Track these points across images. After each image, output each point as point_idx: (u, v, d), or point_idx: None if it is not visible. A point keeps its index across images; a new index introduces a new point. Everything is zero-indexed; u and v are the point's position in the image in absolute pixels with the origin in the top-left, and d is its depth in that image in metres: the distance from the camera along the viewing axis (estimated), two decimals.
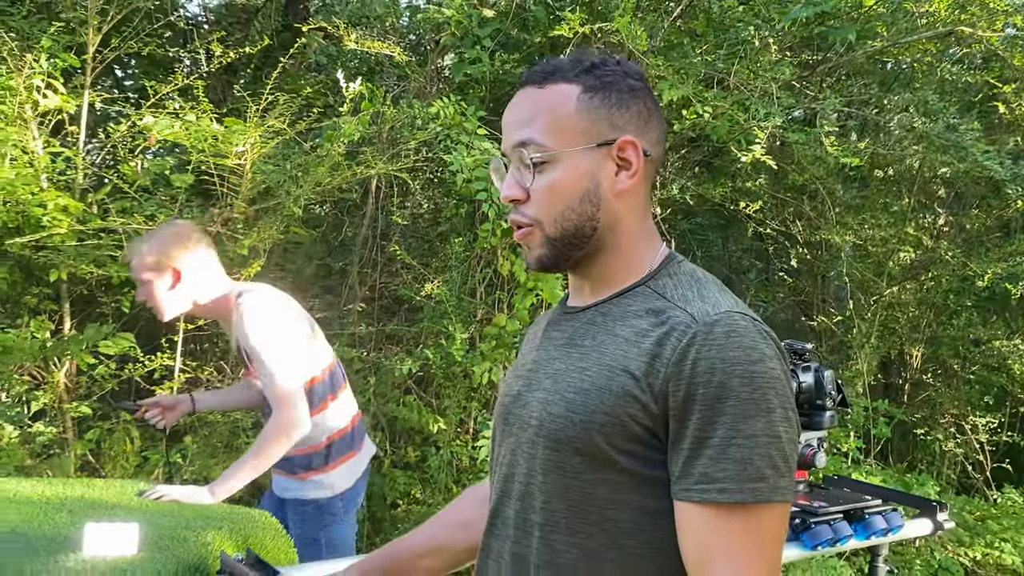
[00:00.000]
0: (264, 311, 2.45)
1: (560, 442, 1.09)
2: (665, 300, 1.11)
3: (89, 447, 3.79)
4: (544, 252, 1.15)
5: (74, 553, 1.68)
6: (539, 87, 1.14)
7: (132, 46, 3.78)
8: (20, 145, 3.41)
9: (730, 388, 1.00)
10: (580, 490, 1.08)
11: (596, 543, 1.07)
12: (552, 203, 1.12)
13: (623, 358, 1.08)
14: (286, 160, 3.54)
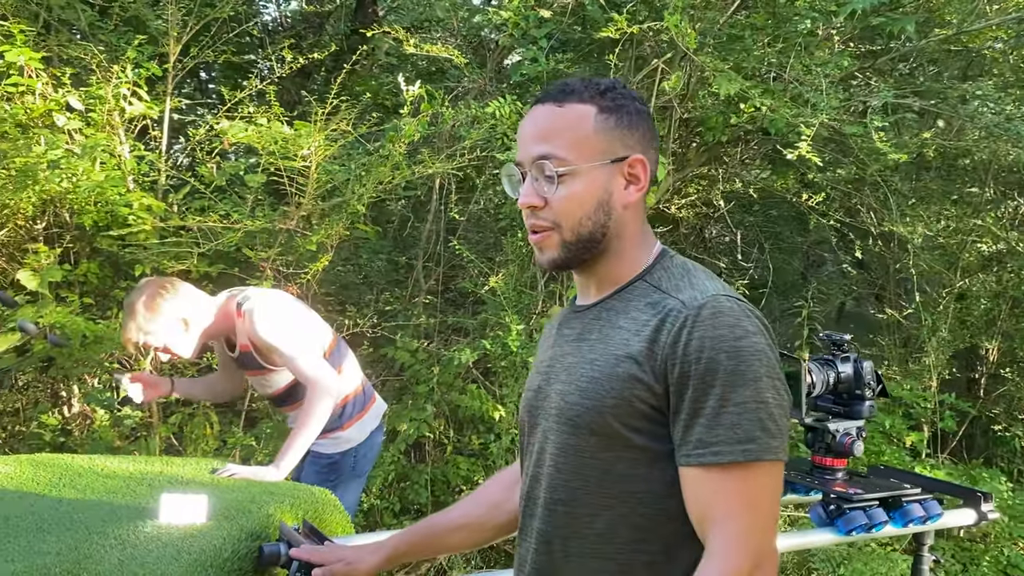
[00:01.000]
0: (270, 308, 2.69)
1: (577, 426, 1.23)
2: (660, 292, 1.25)
3: (172, 430, 4.06)
4: (559, 254, 1.28)
5: (151, 520, 1.87)
6: (558, 105, 1.27)
7: (209, 55, 4.02)
8: (108, 149, 3.68)
9: (718, 362, 1.13)
10: (598, 468, 1.21)
11: (616, 514, 1.21)
12: (571, 211, 1.25)
13: (626, 346, 1.21)
14: (350, 160, 3.74)
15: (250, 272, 3.96)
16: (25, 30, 3.63)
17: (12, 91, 3.63)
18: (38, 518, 1.87)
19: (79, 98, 3.71)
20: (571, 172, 1.24)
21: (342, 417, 2.86)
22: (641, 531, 1.19)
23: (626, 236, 1.29)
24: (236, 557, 1.76)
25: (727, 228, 7.55)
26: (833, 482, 2.41)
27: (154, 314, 2.57)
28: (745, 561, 1.10)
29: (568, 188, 1.25)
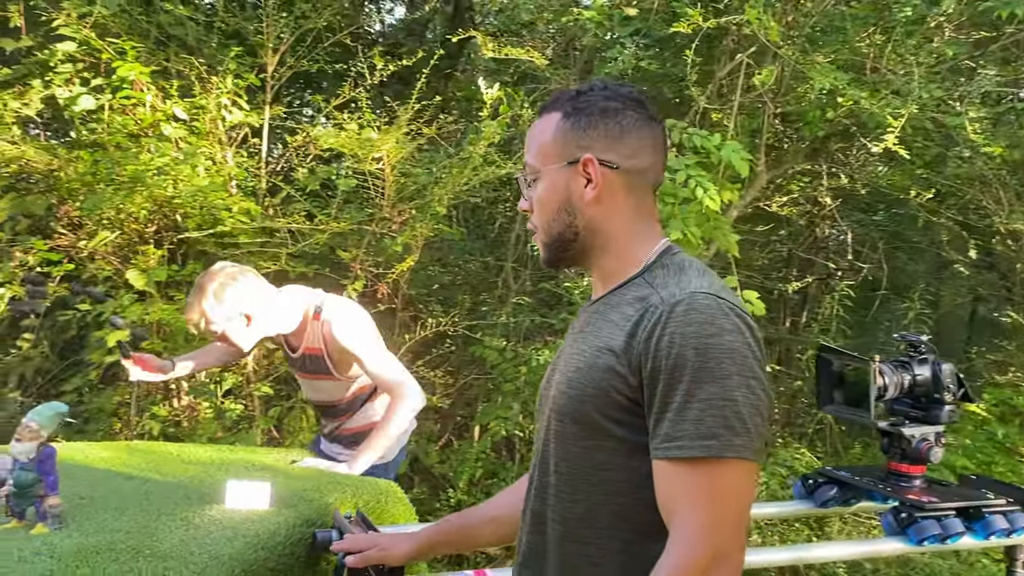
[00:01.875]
0: (352, 315, 2.72)
1: (564, 414, 1.29)
2: (651, 288, 1.27)
3: (271, 423, 4.26)
4: (544, 255, 1.39)
5: (218, 504, 1.99)
6: (540, 116, 1.38)
7: (304, 64, 4.21)
8: (210, 156, 3.91)
9: (686, 358, 1.14)
10: (581, 455, 1.26)
11: (595, 501, 1.25)
12: (540, 214, 1.36)
13: (609, 339, 1.25)
14: (431, 163, 3.84)
15: (342, 273, 4.11)
16: (136, 46, 3.89)
17: (125, 103, 3.91)
18: (119, 498, 2.01)
19: (184, 109, 3.95)
20: (537, 178, 1.34)
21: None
22: (618, 518, 1.22)
23: (606, 232, 1.32)
24: (289, 542, 1.85)
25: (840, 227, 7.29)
26: (908, 489, 2.30)
27: (219, 302, 2.55)
28: (703, 554, 1.11)
29: (536, 192, 1.35)
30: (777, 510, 2.44)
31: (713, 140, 3.64)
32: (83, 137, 4.04)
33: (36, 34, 3.94)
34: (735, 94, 3.85)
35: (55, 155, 3.96)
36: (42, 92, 3.81)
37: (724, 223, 3.63)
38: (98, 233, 3.88)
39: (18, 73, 3.98)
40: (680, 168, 3.61)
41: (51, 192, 4.12)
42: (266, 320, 2.67)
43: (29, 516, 1.77)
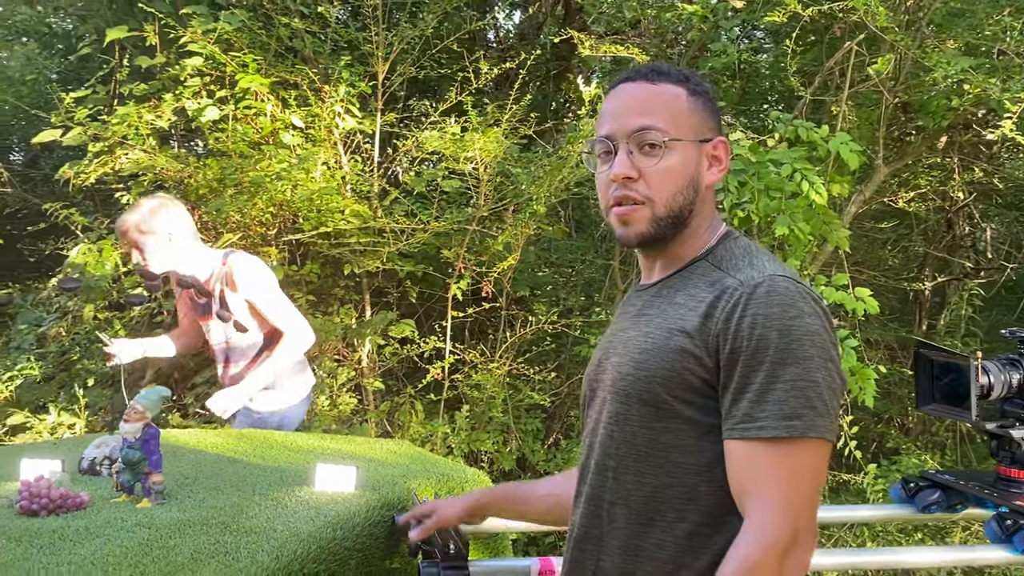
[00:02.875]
0: (251, 264, 3.05)
1: (629, 396, 1.27)
2: (720, 271, 1.27)
3: (383, 416, 4.42)
4: (648, 229, 1.30)
5: (308, 487, 2.10)
6: (652, 83, 1.31)
7: (411, 71, 4.35)
8: (324, 161, 4.10)
9: (769, 340, 1.14)
10: (646, 437, 1.25)
11: (661, 482, 1.24)
12: (666, 185, 1.28)
13: (680, 320, 1.24)
14: (530, 163, 3.88)
15: (448, 273, 4.22)
16: (257, 59, 4.14)
17: (247, 113, 4.16)
18: (219, 479, 2.16)
19: (301, 117, 4.16)
20: (670, 145, 1.27)
21: (280, 376, 3.15)
22: (686, 500, 1.21)
23: (702, 216, 1.32)
24: (368, 523, 1.93)
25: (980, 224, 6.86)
26: (1018, 496, 2.16)
27: (152, 215, 2.91)
28: (783, 533, 1.09)
29: (667, 161, 1.27)
30: (871, 513, 2.34)
31: (820, 132, 3.52)
32: (211, 146, 4.32)
33: (168, 51, 4.25)
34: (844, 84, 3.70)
35: (186, 163, 4.25)
36: (173, 105, 4.11)
37: (832, 217, 3.50)
38: (223, 236, 4.14)
39: (153, 88, 4.31)
40: (786, 162, 3.51)
41: (183, 198, 4.43)
42: (182, 252, 2.99)
43: (136, 491, 1.93)
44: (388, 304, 4.59)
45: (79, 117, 4.09)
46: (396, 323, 4.21)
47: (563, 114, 5.44)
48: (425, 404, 4.41)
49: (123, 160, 4.13)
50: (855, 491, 4.46)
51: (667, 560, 1.22)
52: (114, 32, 4.17)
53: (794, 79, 3.49)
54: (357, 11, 4.61)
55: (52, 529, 1.70)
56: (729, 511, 1.17)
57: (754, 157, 3.48)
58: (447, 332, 4.20)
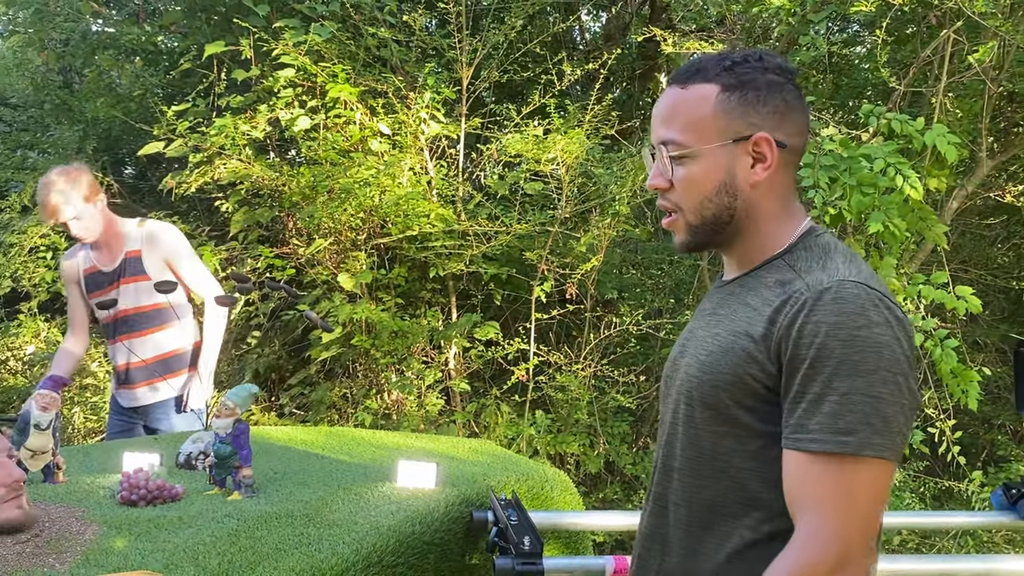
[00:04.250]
0: (171, 227, 3.23)
1: (692, 398, 1.26)
2: (793, 272, 1.21)
3: (469, 417, 4.47)
4: (687, 238, 1.29)
5: (390, 483, 2.14)
6: (682, 87, 1.27)
7: (495, 76, 4.40)
8: (411, 167, 4.19)
9: (830, 349, 1.08)
10: (709, 440, 1.23)
11: (722, 487, 1.22)
12: (691, 195, 1.26)
13: (747, 324, 1.20)
14: (613, 163, 3.87)
15: (532, 275, 4.24)
16: (346, 68, 4.26)
17: (336, 122, 4.28)
18: (307, 474, 2.23)
19: (388, 124, 4.26)
20: (689, 155, 1.23)
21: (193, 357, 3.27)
22: (746, 506, 1.18)
23: (759, 214, 1.26)
24: (447, 518, 1.96)
25: None
26: None
27: (74, 183, 3.01)
28: (827, 556, 1.05)
29: (687, 171, 1.24)
30: (968, 520, 2.23)
31: (916, 124, 3.38)
32: (304, 155, 4.47)
33: (262, 64, 4.42)
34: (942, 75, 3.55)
35: (280, 172, 4.41)
36: (267, 115, 4.27)
37: (928, 213, 3.35)
38: (315, 241, 4.27)
39: (248, 100, 4.49)
40: (879, 156, 3.39)
41: (277, 205, 4.60)
42: (102, 207, 3.13)
43: (228, 484, 2.01)
44: (473, 307, 4.64)
45: (180, 129, 4.29)
46: (481, 325, 4.26)
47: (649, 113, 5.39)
48: (511, 406, 4.44)
49: (221, 170, 4.31)
50: (960, 500, 4.26)
51: (724, 563, 1.20)
52: (212, 47, 4.36)
53: (885, 70, 3.36)
54: (444, 19, 4.68)
55: (148, 518, 1.79)
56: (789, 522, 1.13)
57: (845, 152, 3.37)
58: (531, 334, 4.22)
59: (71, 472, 2.19)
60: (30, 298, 5.49)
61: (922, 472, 4.30)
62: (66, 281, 3.32)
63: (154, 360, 3.22)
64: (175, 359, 3.26)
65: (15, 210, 5.59)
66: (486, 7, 4.87)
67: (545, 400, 4.27)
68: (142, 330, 3.22)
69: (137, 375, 3.23)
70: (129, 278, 3.18)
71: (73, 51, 6.14)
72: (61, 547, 1.62)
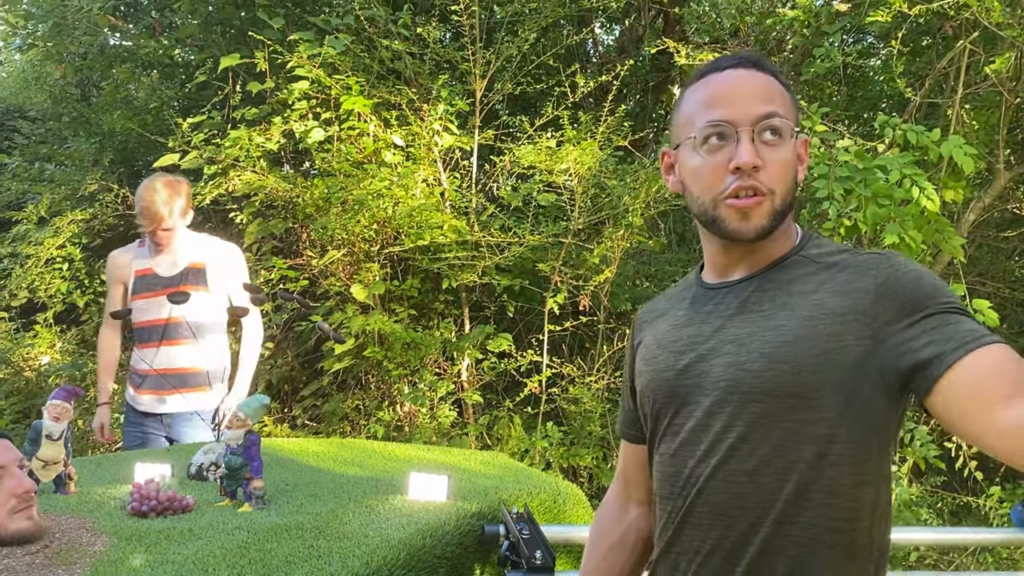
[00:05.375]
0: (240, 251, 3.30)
1: (767, 392, 1.18)
2: (825, 261, 1.23)
3: (481, 429, 4.46)
4: (767, 223, 1.22)
5: (401, 495, 2.13)
6: (760, 71, 1.26)
7: (509, 88, 4.40)
8: (424, 179, 4.19)
9: (938, 288, 1.14)
10: (791, 430, 1.17)
11: (808, 477, 1.16)
12: (784, 176, 1.23)
13: (817, 307, 1.18)
14: (626, 175, 3.86)
15: (545, 287, 4.23)
16: (360, 81, 4.28)
17: (350, 134, 4.30)
18: (318, 485, 2.22)
19: (401, 136, 4.27)
20: (789, 136, 1.22)
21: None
22: (833, 495, 1.15)
23: (792, 212, 1.28)
24: (458, 532, 1.94)
25: None
26: None
27: (177, 195, 3.13)
28: None
29: (787, 152, 1.22)
30: (987, 536, 2.19)
31: (932, 136, 3.36)
32: (318, 166, 4.49)
33: (277, 76, 4.44)
34: (958, 86, 3.53)
35: (294, 183, 4.43)
36: (281, 127, 4.29)
37: (945, 225, 3.33)
38: (328, 252, 4.28)
39: (263, 112, 4.51)
40: (894, 167, 3.37)
41: (291, 217, 4.61)
42: (188, 220, 3.23)
43: (239, 496, 2.01)
44: (486, 318, 4.64)
45: (195, 141, 4.32)
46: (494, 337, 4.25)
47: (663, 125, 5.39)
48: (523, 418, 4.42)
49: (236, 181, 4.33)
50: (978, 516, 4.21)
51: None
52: (227, 60, 4.39)
53: (900, 81, 3.35)
54: (457, 32, 4.70)
55: (159, 530, 1.79)
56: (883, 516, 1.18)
57: (861, 163, 3.35)
58: (544, 346, 4.21)
59: (83, 483, 2.19)
60: (46, 309, 5.53)
61: (939, 487, 4.25)
62: (113, 276, 3.31)
63: (166, 372, 3.21)
64: (192, 376, 3.24)
65: (32, 221, 5.64)
66: (500, 20, 4.88)
67: (558, 412, 4.25)
68: (173, 339, 3.23)
69: (152, 383, 3.22)
70: (189, 286, 3.21)
71: (91, 64, 6.20)
72: (71, 558, 1.61)
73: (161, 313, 3.18)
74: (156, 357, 3.18)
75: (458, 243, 4.03)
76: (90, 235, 5.66)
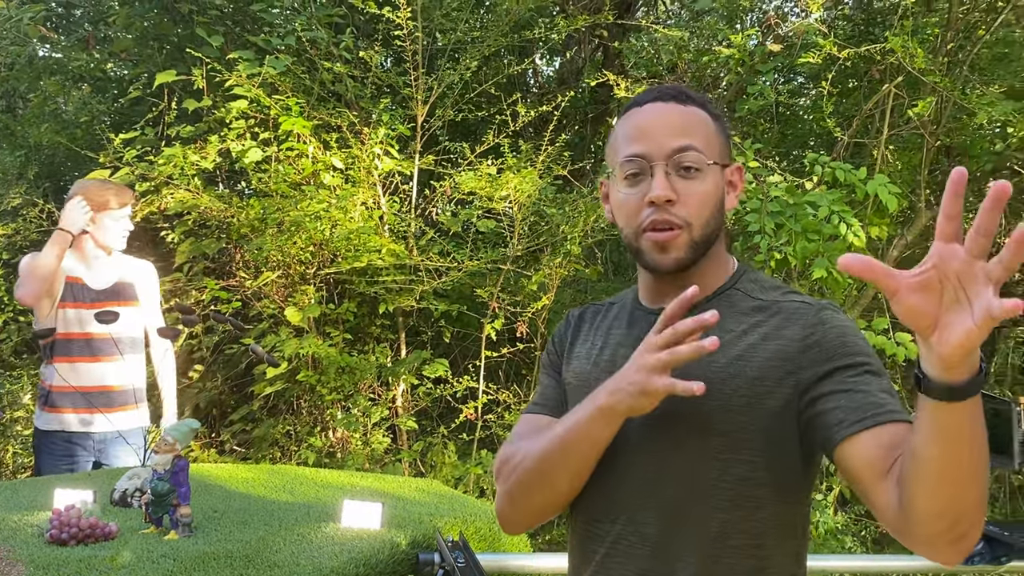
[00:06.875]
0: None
1: (696, 427, 1.19)
2: (761, 300, 1.26)
3: (415, 456, 4.41)
4: (685, 255, 1.25)
5: (334, 523, 2.09)
6: (682, 104, 1.28)
7: (450, 114, 4.42)
8: (363, 202, 4.17)
9: (860, 347, 1.17)
10: (717, 468, 1.18)
11: (733, 516, 1.18)
12: (702, 209, 1.24)
13: (749, 348, 1.20)
14: (565, 204, 3.91)
15: (483, 313, 4.23)
16: (300, 102, 4.24)
17: (289, 155, 4.25)
18: (247, 513, 2.17)
19: (341, 159, 4.24)
20: (706, 168, 1.25)
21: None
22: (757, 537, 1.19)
23: (721, 242, 1.30)
24: (392, 560, 1.92)
25: None
26: None
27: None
28: None
29: (704, 184, 1.24)
30: (908, 564, 2.26)
31: (858, 174, 3.49)
32: (254, 186, 4.42)
33: (215, 94, 4.37)
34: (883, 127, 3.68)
35: (229, 203, 4.35)
36: (218, 146, 4.22)
37: None
38: (263, 273, 4.21)
39: (199, 130, 4.44)
40: (823, 204, 3.48)
41: (225, 237, 4.53)
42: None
43: (164, 523, 1.94)
44: (422, 343, 4.61)
45: (127, 158, 4.21)
46: (430, 362, 4.23)
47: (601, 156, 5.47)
48: (458, 444, 4.40)
49: (168, 199, 4.24)
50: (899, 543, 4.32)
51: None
52: (163, 76, 4.31)
53: (830, 121, 3.48)
54: (400, 56, 4.71)
55: (79, 559, 1.72)
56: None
57: (791, 199, 3.45)
58: (480, 372, 4.20)
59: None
60: None
61: (863, 515, 4.36)
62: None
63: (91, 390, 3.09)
64: (119, 394, 3.14)
65: None
66: (442, 47, 4.91)
67: (493, 439, 4.24)
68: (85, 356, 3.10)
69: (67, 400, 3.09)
70: (119, 302, 3.16)
71: (18, 75, 6.01)
72: None
73: (87, 327, 3.07)
74: (79, 373, 3.06)
75: (396, 267, 4.01)
76: (11, 251, 5.45)
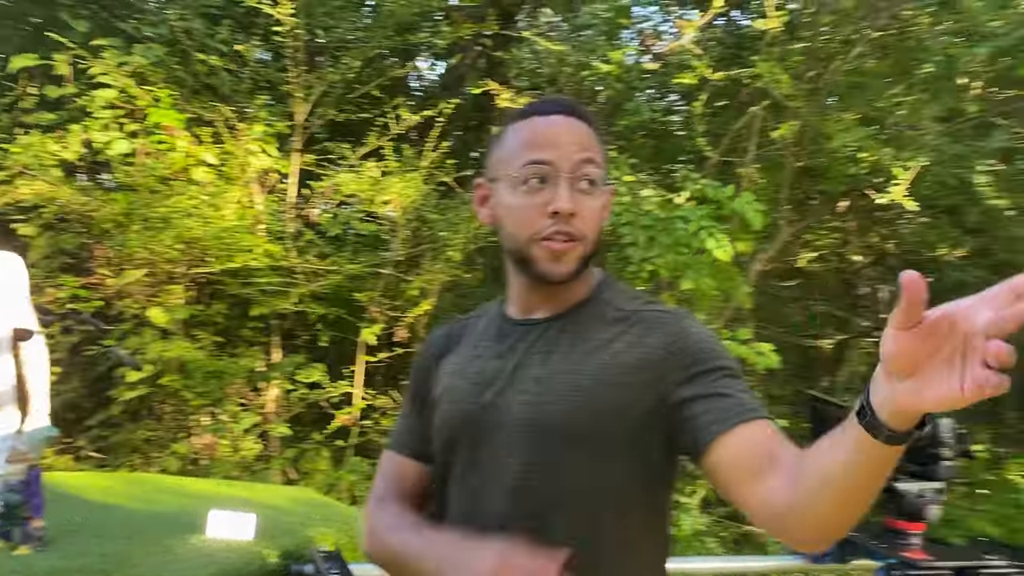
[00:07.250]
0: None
1: (565, 437, 1.19)
2: (623, 309, 1.26)
3: (287, 463, 4.30)
4: (575, 268, 1.24)
5: (200, 534, 2.02)
6: (580, 119, 1.26)
7: (331, 114, 4.35)
8: (237, 199, 4.04)
9: (719, 351, 1.19)
10: (585, 477, 1.18)
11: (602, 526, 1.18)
12: (596, 224, 1.25)
13: (612, 356, 1.20)
14: (448, 210, 3.91)
15: (360, 316, 4.18)
16: (172, 94, 4.07)
17: (158, 148, 4.07)
18: (105, 525, 2.07)
19: (214, 154, 4.09)
20: (602, 186, 1.24)
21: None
22: (624, 546, 1.20)
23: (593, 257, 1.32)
24: (263, 572, 1.87)
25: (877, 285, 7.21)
26: (904, 547, 2.24)
27: None
28: None
29: (598, 201, 1.24)
30: (763, 564, 2.39)
31: (726, 192, 3.65)
32: (119, 180, 4.21)
33: (79, 82, 4.13)
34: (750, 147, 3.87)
35: (91, 196, 4.12)
36: (80, 136, 3.99)
37: (735, 274, 3.63)
38: (126, 271, 4.01)
39: (60, 119, 4.18)
40: (693, 219, 3.63)
41: (86, 232, 4.28)
42: None
43: (15, 537, 1.82)
44: (297, 348, 4.50)
45: None
46: (305, 367, 4.13)
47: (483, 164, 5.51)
48: (333, 451, 4.32)
49: (24, 190, 3.98)
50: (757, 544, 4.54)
51: None
52: (20, 59, 4.04)
53: (701, 140, 3.63)
54: (279, 52, 4.59)
55: None
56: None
57: (663, 213, 3.59)
58: (358, 377, 4.15)
59: None
60: None
61: (724, 517, 4.55)
62: None
63: None
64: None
65: None
66: (324, 45, 4.82)
67: (370, 445, 4.18)
68: None
69: None
70: None
71: None
72: None
73: None
74: None
75: (272, 268, 3.90)
76: None
